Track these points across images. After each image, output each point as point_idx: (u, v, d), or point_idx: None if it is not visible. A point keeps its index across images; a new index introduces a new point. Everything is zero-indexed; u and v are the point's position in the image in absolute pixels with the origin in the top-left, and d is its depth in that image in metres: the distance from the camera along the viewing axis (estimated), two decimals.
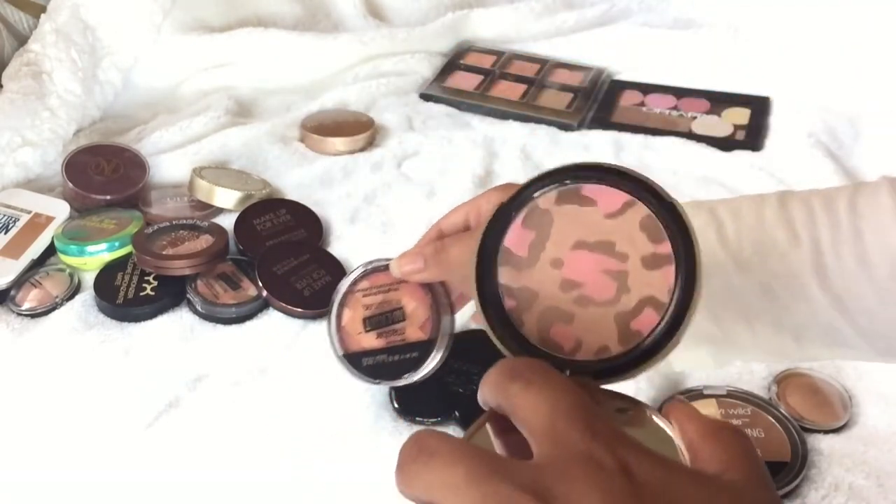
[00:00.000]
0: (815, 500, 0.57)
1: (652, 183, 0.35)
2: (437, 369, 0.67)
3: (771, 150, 0.94)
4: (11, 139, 0.86)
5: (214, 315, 0.72)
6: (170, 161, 0.90)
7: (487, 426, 0.31)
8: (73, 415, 0.65)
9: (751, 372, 0.67)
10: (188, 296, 0.73)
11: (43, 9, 0.99)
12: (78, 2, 0.98)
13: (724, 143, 0.96)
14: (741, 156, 0.93)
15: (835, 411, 0.64)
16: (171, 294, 0.73)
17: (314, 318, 0.72)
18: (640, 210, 0.35)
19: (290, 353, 0.69)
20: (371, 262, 0.51)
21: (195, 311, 0.72)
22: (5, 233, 0.78)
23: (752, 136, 0.97)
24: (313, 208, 0.84)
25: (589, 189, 0.36)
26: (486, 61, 1.13)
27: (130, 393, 0.65)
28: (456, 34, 1.17)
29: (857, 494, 0.57)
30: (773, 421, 0.62)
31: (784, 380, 0.66)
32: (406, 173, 0.92)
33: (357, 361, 0.50)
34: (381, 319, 0.50)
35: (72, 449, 0.63)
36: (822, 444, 0.61)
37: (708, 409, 0.63)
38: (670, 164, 0.92)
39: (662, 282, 0.34)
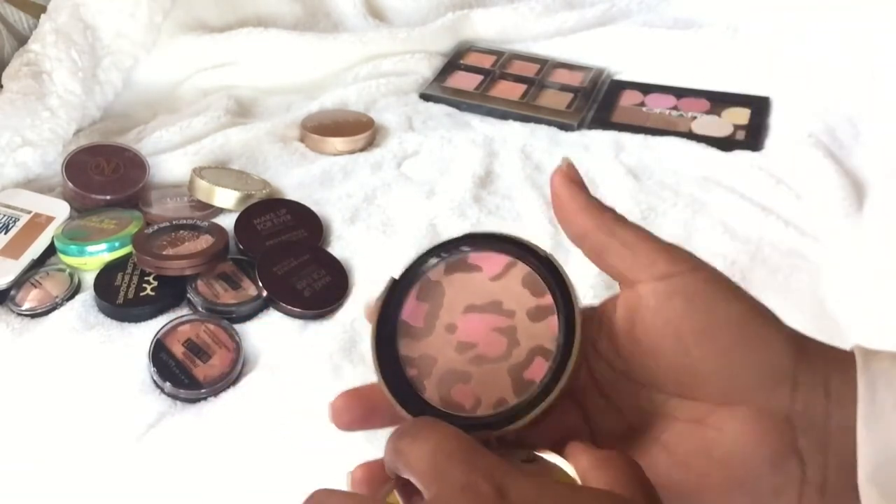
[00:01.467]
0: None
1: (529, 243, 0.38)
2: None
3: (771, 150, 0.94)
4: (11, 139, 0.86)
5: (216, 315, 0.72)
6: (170, 161, 0.90)
7: (395, 492, 0.34)
8: (73, 415, 0.65)
9: None
10: (188, 296, 0.73)
11: (43, 9, 0.99)
12: (78, 2, 0.98)
13: (724, 143, 0.96)
14: (741, 156, 0.93)
15: None
16: (171, 294, 0.73)
17: (314, 318, 0.73)
18: (521, 269, 0.38)
19: (290, 353, 0.69)
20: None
21: (195, 312, 0.72)
22: (5, 233, 0.78)
23: (752, 136, 0.97)
24: (313, 208, 0.84)
25: (474, 257, 0.39)
26: (486, 61, 1.13)
27: (131, 393, 0.65)
28: (456, 34, 1.17)
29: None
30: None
31: None
32: (406, 173, 0.92)
33: None
34: None
35: (72, 449, 0.63)
36: None
37: None
38: (670, 164, 0.92)
39: (547, 331, 0.37)
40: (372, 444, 0.62)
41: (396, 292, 0.39)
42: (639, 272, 0.37)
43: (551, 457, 0.35)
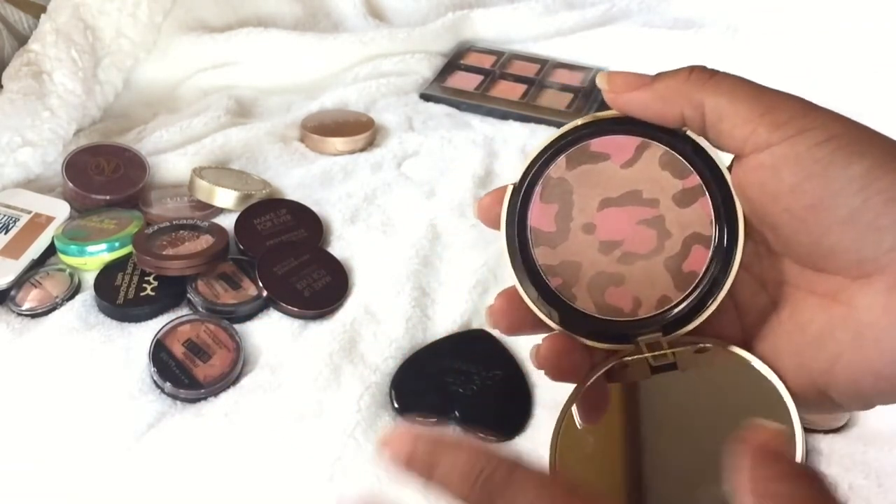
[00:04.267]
0: None
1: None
2: (437, 369, 0.67)
3: None
4: (11, 139, 0.86)
5: (216, 315, 0.72)
6: (170, 161, 0.90)
7: None
8: (73, 415, 0.65)
9: None
10: (188, 296, 0.73)
11: (43, 9, 0.99)
12: (78, 2, 0.98)
13: None
14: None
15: None
16: (171, 294, 0.73)
17: (314, 318, 0.73)
18: (656, 150, 0.34)
19: (290, 353, 0.69)
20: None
21: (195, 312, 0.72)
22: (5, 233, 0.78)
23: None
24: (313, 208, 0.84)
25: (597, 144, 0.35)
26: (486, 61, 1.13)
27: (131, 393, 0.65)
28: (456, 34, 1.17)
29: (857, 494, 0.57)
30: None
31: None
32: (406, 173, 0.92)
33: None
34: None
35: (72, 449, 0.63)
36: (821, 444, 0.61)
37: None
38: None
39: (701, 215, 0.33)
40: (372, 444, 0.62)
41: (518, 199, 0.35)
42: (740, 144, 0.32)
43: (739, 352, 0.32)
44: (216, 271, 0.75)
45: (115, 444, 0.63)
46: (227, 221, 0.82)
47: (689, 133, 0.33)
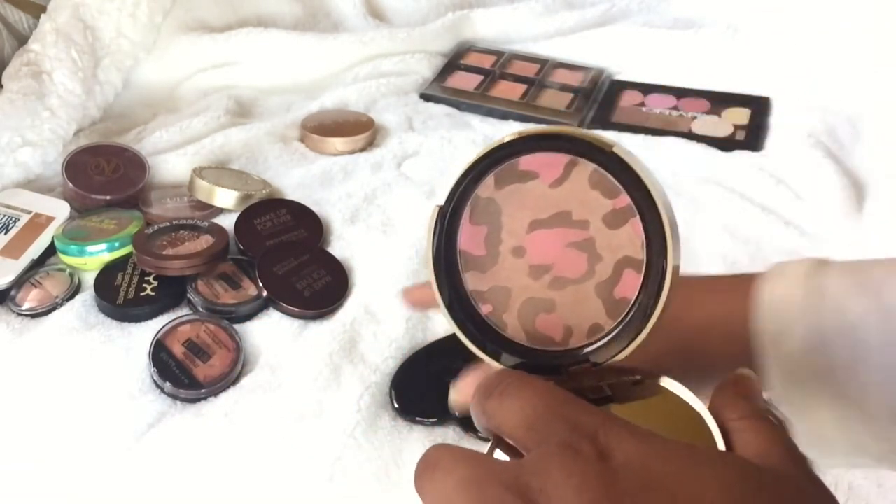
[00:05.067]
0: None
1: (585, 136, 0.32)
2: (437, 369, 0.67)
3: (771, 150, 0.94)
4: (11, 139, 0.86)
5: (216, 315, 0.72)
6: (170, 161, 0.90)
7: (497, 449, 0.30)
8: (73, 415, 0.65)
9: None
10: (188, 296, 0.73)
11: (43, 9, 0.99)
12: (78, 2, 0.98)
13: (724, 143, 0.96)
14: (741, 156, 0.93)
15: None
16: (171, 294, 0.73)
17: (314, 318, 0.73)
18: (585, 167, 0.32)
19: (290, 353, 0.69)
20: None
21: (195, 312, 0.72)
22: (5, 233, 0.78)
23: (752, 136, 0.97)
24: (313, 208, 0.84)
25: (525, 161, 0.33)
26: (486, 61, 1.13)
27: (131, 393, 0.65)
28: (456, 34, 1.17)
29: (857, 494, 0.57)
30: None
31: None
32: (406, 173, 0.92)
33: None
34: None
35: (72, 448, 0.63)
36: None
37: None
38: (670, 164, 0.92)
39: (632, 237, 0.31)
40: (372, 444, 0.62)
41: (446, 220, 0.33)
42: None
43: (670, 384, 0.31)
44: (216, 271, 0.75)
45: (115, 444, 0.63)
46: (227, 221, 0.82)
47: (617, 150, 0.31)
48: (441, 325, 0.72)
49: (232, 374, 0.67)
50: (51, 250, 0.78)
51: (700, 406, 0.30)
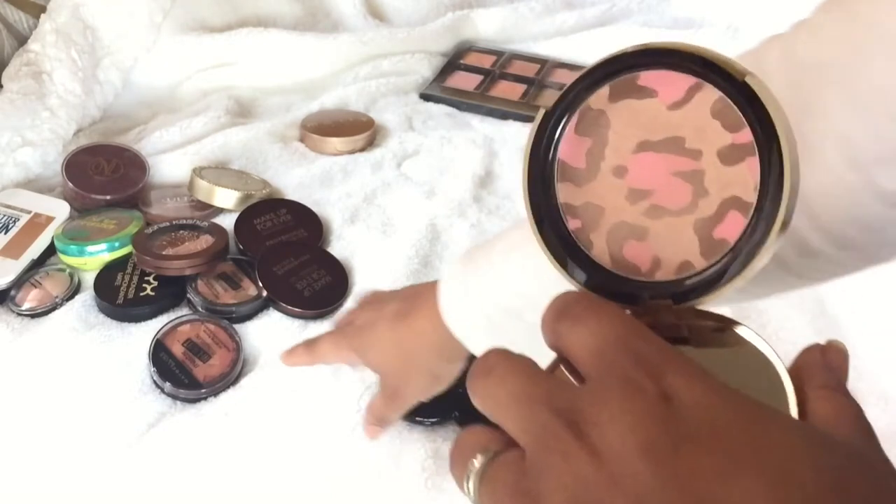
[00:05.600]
0: None
1: (719, 59, 0.29)
2: None
3: None
4: (11, 139, 0.86)
5: (215, 315, 0.72)
6: (170, 161, 0.90)
7: (561, 367, 0.28)
8: (73, 415, 0.65)
9: None
10: (188, 296, 0.73)
11: (43, 9, 0.99)
12: (78, 2, 0.98)
13: None
14: None
15: None
16: (171, 294, 0.73)
17: (314, 318, 0.72)
18: (710, 94, 0.29)
19: None
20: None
21: (195, 312, 0.72)
22: (5, 233, 0.78)
23: None
24: (313, 208, 0.84)
25: (646, 77, 0.30)
26: (486, 61, 1.13)
27: (131, 393, 0.65)
28: (456, 34, 1.17)
29: None
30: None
31: None
32: (406, 173, 0.92)
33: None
34: None
35: (72, 448, 0.63)
36: None
37: None
38: None
39: (746, 177, 0.29)
40: (372, 444, 0.62)
41: (550, 125, 0.32)
42: None
43: (751, 336, 0.29)
44: (216, 271, 0.75)
45: (115, 444, 0.63)
46: (227, 221, 0.82)
47: (749, 80, 0.28)
48: None
49: (232, 374, 0.67)
50: (51, 250, 0.78)
51: (780, 365, 0.28)
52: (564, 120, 0.31)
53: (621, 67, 0.31)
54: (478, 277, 0.49)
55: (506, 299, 0.47)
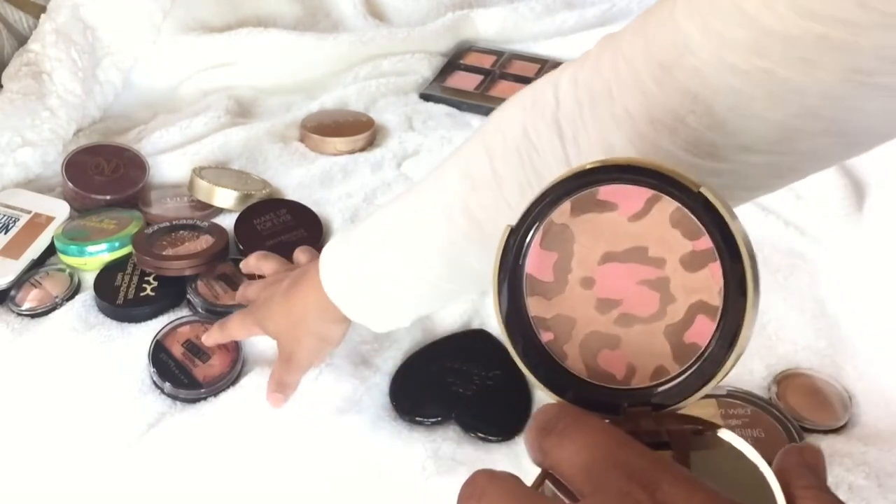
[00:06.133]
0: None
1: (673, 171, 0.30)
2: (437, 369, 0.67)
3: None
4: (11, 139, 0.86)
5: (215, 316, 0.72)
6: (170, 161, 0.90)
7: (546, 482, 0.29)
8: (73, 415, 0.65)
9: (751, 372, 0.67)
10: (189, 297, 0.73)
11: (43, 9, 0.99)
12: (78, 2, 0.98)
13: None
14: None
15: (835, 411, 0.64)
16: (171, 294, 0.73)
17: None
18: (668, 204, 0.31)
19: None
20: None
21: (195, 313, 0.72)
22: (5, 233, 0.78)
23: None
24: (313, 208, 0.84)
25: (605, 191, 0.32)
26: (486, 61, 1.13)
27: (131, 393, 0.65)
28: (456, 34, 1.17)
29: (857, 494, 0.57)
30: (773, 421, 0.62)
31: (784, 380, 0.66)
32: (406, 173, 0.92)
33: None
34: None
35: (72, 448, 0.63)
36: (822, 444, 0.61)
37: (708, 409, 0.63)
38: None
39: (710, 282, 0.30)
40: (372, 444, 0.62)
41: (516, 242, 0.32)
42: None
43: (731, 437, 0.30)
44: (216, 272, 0.75)
45: (115, 444, 0.63)
46: (227, 221, 0.82)
47: (704, 191, 0.30)
48: (441, 325, 0.72)
49: (232, 374, 0.67)
50: (51, 250, 0.78)
51: (764, 465, 0.29)
52: (530, 236, 0.32)
53: (581, 183, 0.32)
54: (349, 247, 0.56)
55: (369, 269, 0.54)
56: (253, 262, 0.71)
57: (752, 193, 0.43)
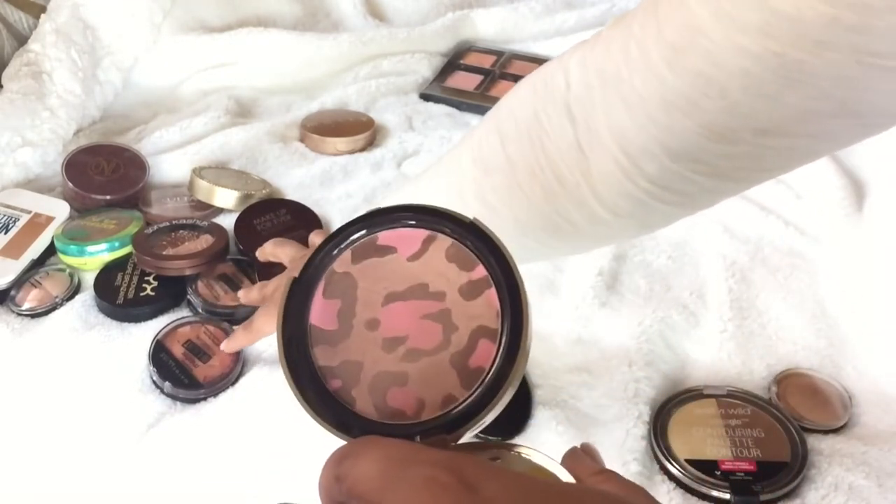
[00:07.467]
0: (814, 501, 0.57)
1: (445, 210, 0.33)
2: None
3: None
4: (11, 139, 0.86)
5: (215, 316, 0.72)
6: (170, 161, 0.90)
7: None
8: (73, 415, 0.65)
9: (751, 372, 0.67)
10: (189, 297, 0.73)
11: (43, 9, 0.99)
12: (78, 2, 0.98)
13: None
14: None
15: (835, 411, 0.64)
16: (171, 294, 0.73)
17: None
18: (443, 242, 0.33)
19: None
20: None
21: (195, 314, 0.72)
22: (5, 233, 0.78)
23: None
24: (313, 208, 0.84)
25: (384, 237, 0.34)
26: (486, 61, 1.13)
27: (131, 393, 0.65)
28: (456, 34, 1.17)
29: (857, 494, 0.57)
30: (773, 421, 0.62)
31: (784, 380, 0.66)
32: (406, 173, 0.92)
33: None
34: None
35: (72, 448, 0.63)
36: (822, 444, 0.61)
37: (708, 409, 0.63)
38: None
39: (488, 308, 0.32)
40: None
41: (298, 294, 0.34)
42: None
43: (527, 452, 0.32)
44: (216, 272, 0.75)
45: (115, 444, 0.63)
46: (227, 221, 0.82)
47: (476, 222, 0.32)
48: None
49: (232, 374, 0.67)
50: (51, 250, 0.78)
51: (557, 467, 0.31)
52: (312, 288, 0.34)
53: (358, 232, 0.34)
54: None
55: None
56: (269, 249, 0.70)
57: (769, 174, 0.43)
